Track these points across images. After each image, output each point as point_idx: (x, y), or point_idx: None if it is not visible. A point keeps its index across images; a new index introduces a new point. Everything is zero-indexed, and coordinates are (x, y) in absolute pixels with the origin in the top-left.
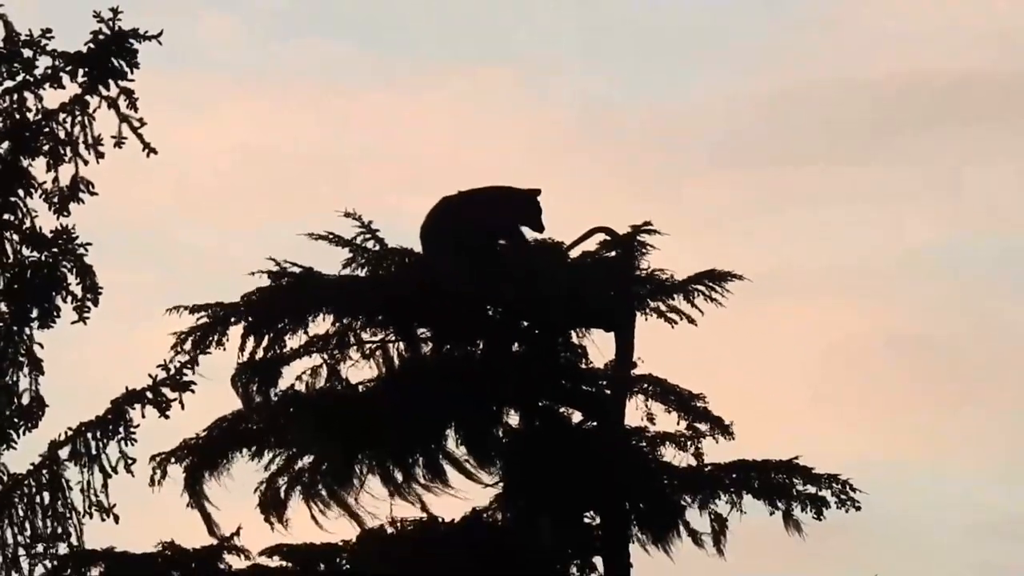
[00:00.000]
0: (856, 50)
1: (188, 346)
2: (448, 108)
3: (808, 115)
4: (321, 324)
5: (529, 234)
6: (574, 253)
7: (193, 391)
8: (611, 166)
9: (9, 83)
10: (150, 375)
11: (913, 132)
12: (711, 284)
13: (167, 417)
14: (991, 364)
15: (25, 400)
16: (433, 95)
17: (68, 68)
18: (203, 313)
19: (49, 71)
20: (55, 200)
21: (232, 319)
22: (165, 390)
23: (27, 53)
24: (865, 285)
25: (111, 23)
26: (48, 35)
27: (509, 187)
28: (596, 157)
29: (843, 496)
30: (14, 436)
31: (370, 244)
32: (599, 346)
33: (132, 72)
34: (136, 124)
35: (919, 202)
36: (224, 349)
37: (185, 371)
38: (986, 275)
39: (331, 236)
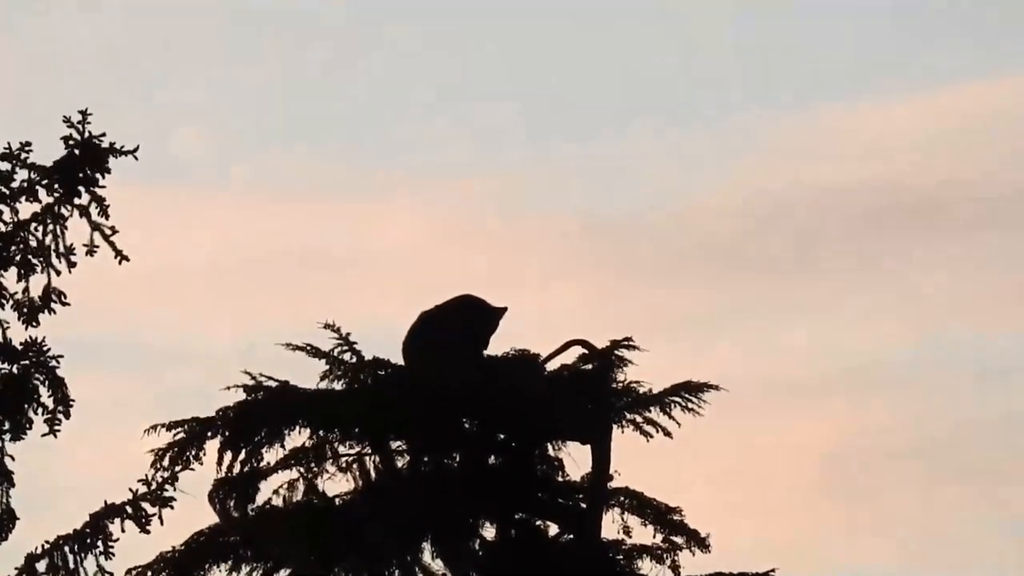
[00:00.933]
0: (835, 159)
1: (167, 462)
2: (422, 215)
3: (786, 222)
4: (297, 438)
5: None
6: (551, 365)
7: (173, 507)
8: (587, 271)
9: None
10: (131, 490)
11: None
12: (687, 396)
13: (147, 532)
14: (975, 471)
15: None
16: (408, 202)
17: (44, 182)
18: (180, 429)
19: (25, 184)
20: (26, 311)
21: (208, 433)
22: (145, 505)
23: (4, 166)
24: (849, 393)
25: (80, 126)
26: (27, 148)
27: (478, 300)
28: (573, 264)
29: None
30: None
31: (347, 356)
32: (575, 459)
33: (103, 178)
34: (108, 232)
35: (893, 310)
36: (202, 463)
37: (166, 487)
38: (963, 378)
39: (308, 348)
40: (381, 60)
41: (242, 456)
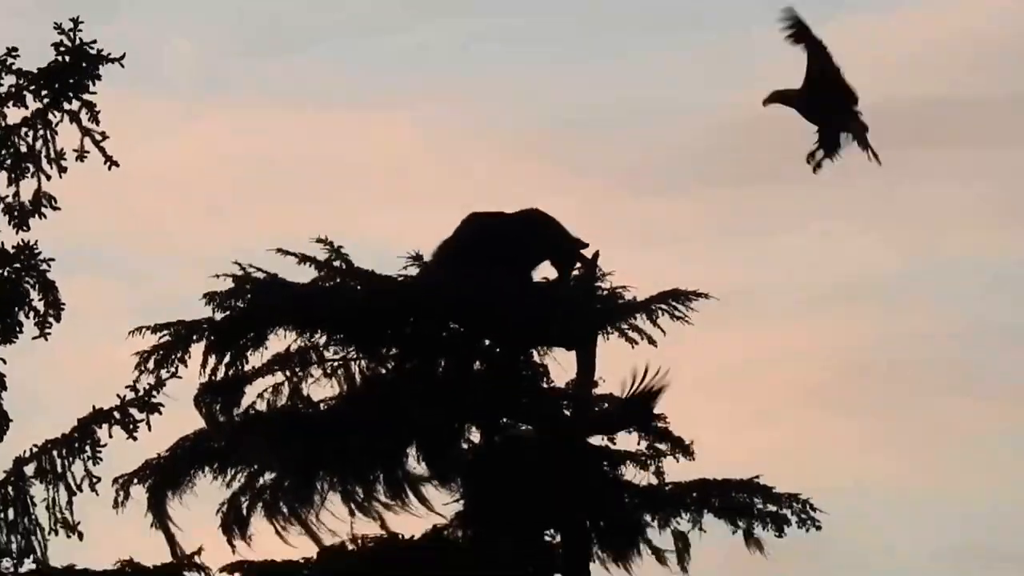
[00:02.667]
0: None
1: (151, 365)
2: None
3: (778, 136)
4: (283, 342)
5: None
6: (537, 275)
7: (161, 412)
8: (575, 181)
9: None
10: (119, 395)
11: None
12: (674, 303)
13: (135, 438)
14: (959, 391)
15: None
16: (402, 114)
17: (32, 87)
18: (165, 332)
19: (13, 89)
20: (16, 215)
21: (194, 337)
22: (133, 411)
23: None
24: (834, 307)
25: (72, 33)
26: (14, 54)
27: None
28: (560, 172)
29: (803, 516)
30: None
31: (337, 264)
32: (561, 365)
33: (94, 85)
34: (98, 137)
35: (886, 225)
36: (187, 367)
37: (154, 393)
38: (954, 297)
39: (299, 255)
40: None
41: (227, 359)
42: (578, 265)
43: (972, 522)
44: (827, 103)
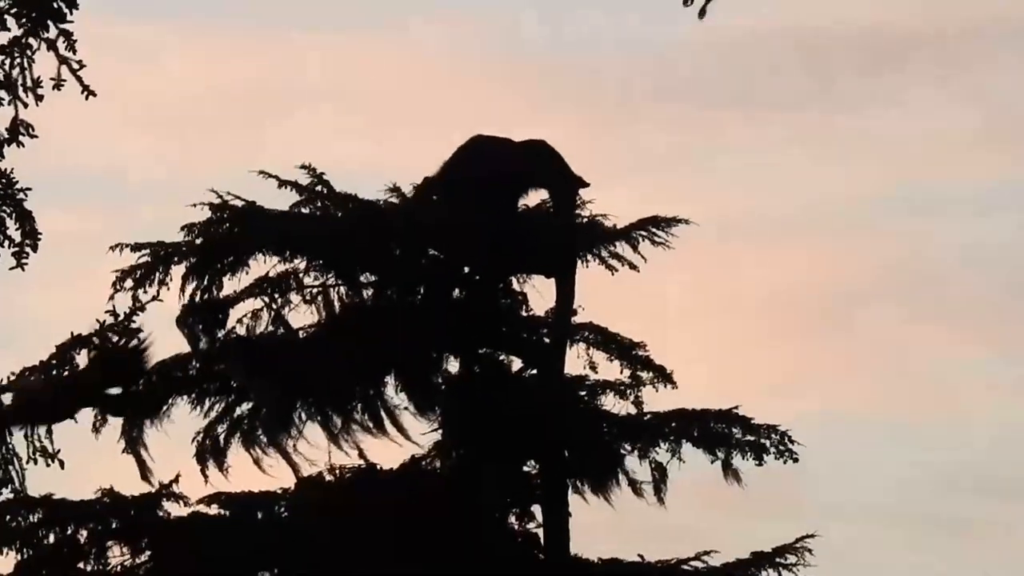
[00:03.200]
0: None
1: (129, 284)
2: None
3: (757, 61)
4: (264, 266)
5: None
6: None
7: (140, 338)
8: (549, 103)
9: None
10: (97, 320)
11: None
12: (655, 230)
13: None
14: (935, 323)
15: None
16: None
17: (13, 11)
18: (144, 252)
19: None
20: None
21: (174, 258)
22: (111, 335)
23: None
24: (813, 235)
25: None
26: None
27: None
28: (532, 95)
29: (781, 447)
30: None
31: (319, 189)
32: (540, 292)
33: (71, 13)
34: (75, 66)
35: (866, 151)
36: (168, 289)
37: (132, 319)
38: (930, 226)
39: (281, 179)
40: None
41: (206, 283)
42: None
43: (935, 448)
44: None
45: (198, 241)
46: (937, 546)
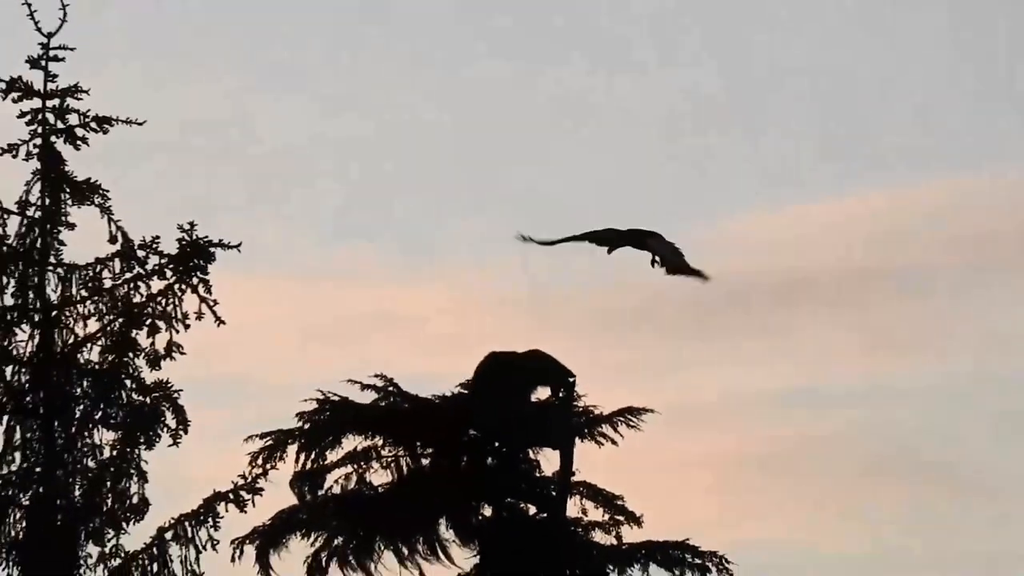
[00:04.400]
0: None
1: (260, 461)
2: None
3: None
4: (352, 443)
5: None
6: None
7: (262, 494)
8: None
9: (128, 275)
10: (232, 482)
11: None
12: (629, 416)
13: (244, 512)
14: (848, 475)
15: (135, 500)
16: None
17: (170, 265)
18: (269, 438)
19: (156, 268)
20: (152, 359)
21: (289, 440)
22: (243, 493)
23: (141, 254)
24: (739, 419)
25: (189, 232)
26: (156, 241)
27: (553, 358)
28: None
29: (720, 567)
30: (125, 527)
31: (391, 389)
32: (549, 461)
33: (208, 267)
34: (211, 303)
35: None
36: (284, 462)
37: (258, 481)
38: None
39: (361, 384)
40: None
41: (312, 456)
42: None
43: None
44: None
45: (306, 426)
46: None
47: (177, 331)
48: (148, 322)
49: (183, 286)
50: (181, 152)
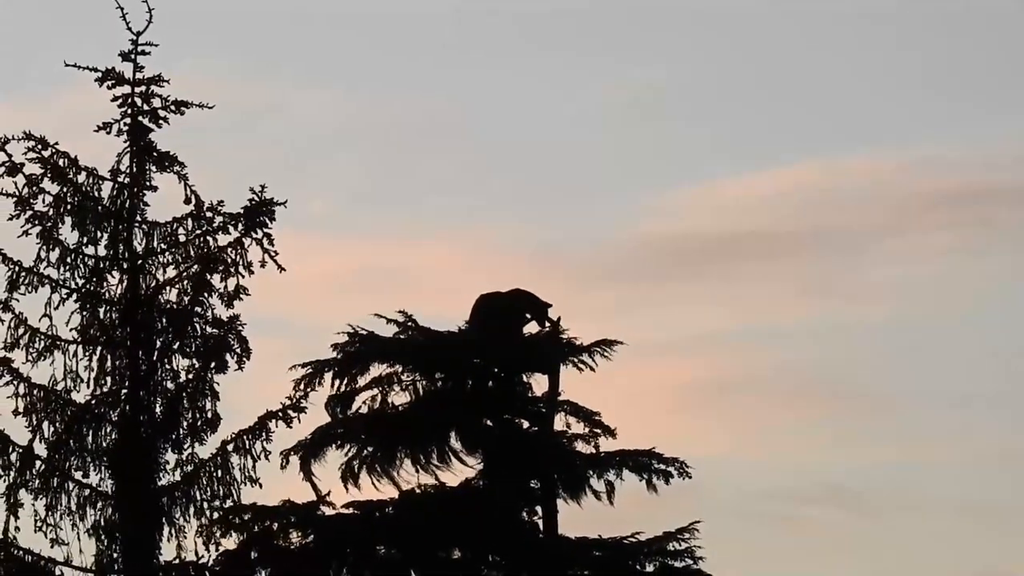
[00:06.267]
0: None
1: (302, 386)
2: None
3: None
4: (378, 369)
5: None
6: (528, 328)
7: (305, 412)
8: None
9: (197, 231)
10: (281, 403)
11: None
12: (604, 348)
13: (290, 427)
14: (794, 394)
15: (209, 416)
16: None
17: (233, 222)
18: (310, 367)
19: (222, 224)
20: (225, 299)
21: (326, 368)
22: (290, 412)
23: (209, 214)
24: (698, 353)
25: (259, 193)
26: (221, 203)
27: (532, 294)
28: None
29: (681, 470)
30: (204, 437)
31: (410, 324)
32: (539, 383)
33: (271, 223)
34: (273, 254)
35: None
36: (322, 386)
37: (301, 402)
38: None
39: (387, 319)
40: None
41: (345, 381)
42: (547, 322)
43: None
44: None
45: (339, 356)
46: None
47: (243, 276)
48: (220, 268)
49: (248, 239)
50: (241, 132)
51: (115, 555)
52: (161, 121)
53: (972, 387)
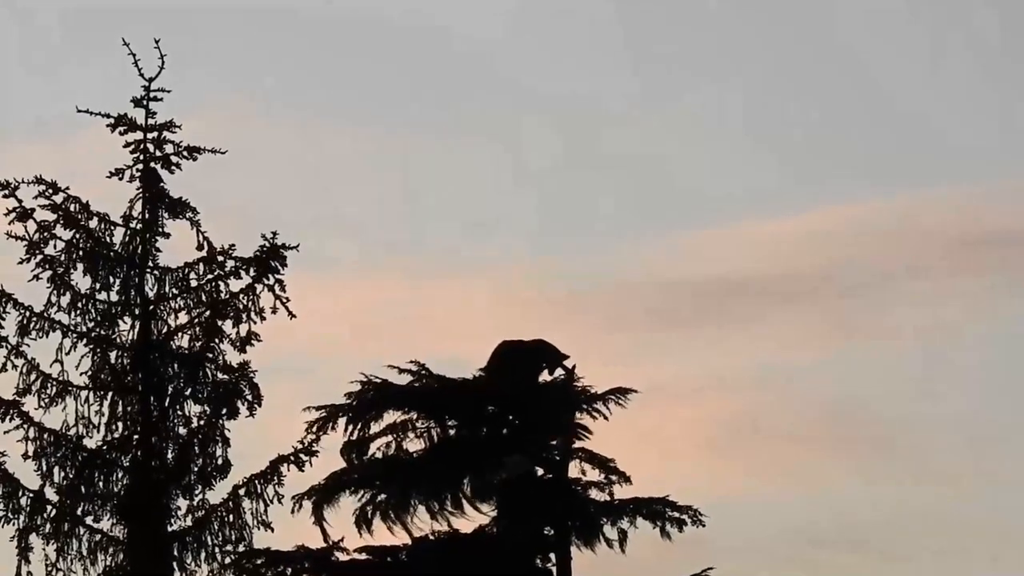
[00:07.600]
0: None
1: (314, 430)
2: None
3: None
4: (392, 416)
5: None
6: (542, 377)
7: (317, 456)
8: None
9: (209, 276)
10: (293, 447)
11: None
12: (618, 395)
13: (302, 471)
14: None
15: (219, 462)
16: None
17: (244, 268)
18: (323, 411)
19: (234, 269)
20: (236, 345)
21: (339, 414)
22: (302, 455)
23: (220, 258)
24: (703, 398)
25: (270, 240)
26: (232, 247)
27: (553, 346)
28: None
29: (694, 518)
30: (213, 483)
31: (424, 372)
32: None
33: (283, 269)
34: (284, 300)
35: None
36: (335, 431)
37: (313, 446)
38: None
39: (400, 369)
40: None
41: (359, 427)
42: (560, 371)
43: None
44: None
45: (353, 403)
46: None
47: (255, 322)
48: (232, 314)
49: (261, 285)
50: (254, 176)
51: None
52: (173, 167)
53: (997, 430)
